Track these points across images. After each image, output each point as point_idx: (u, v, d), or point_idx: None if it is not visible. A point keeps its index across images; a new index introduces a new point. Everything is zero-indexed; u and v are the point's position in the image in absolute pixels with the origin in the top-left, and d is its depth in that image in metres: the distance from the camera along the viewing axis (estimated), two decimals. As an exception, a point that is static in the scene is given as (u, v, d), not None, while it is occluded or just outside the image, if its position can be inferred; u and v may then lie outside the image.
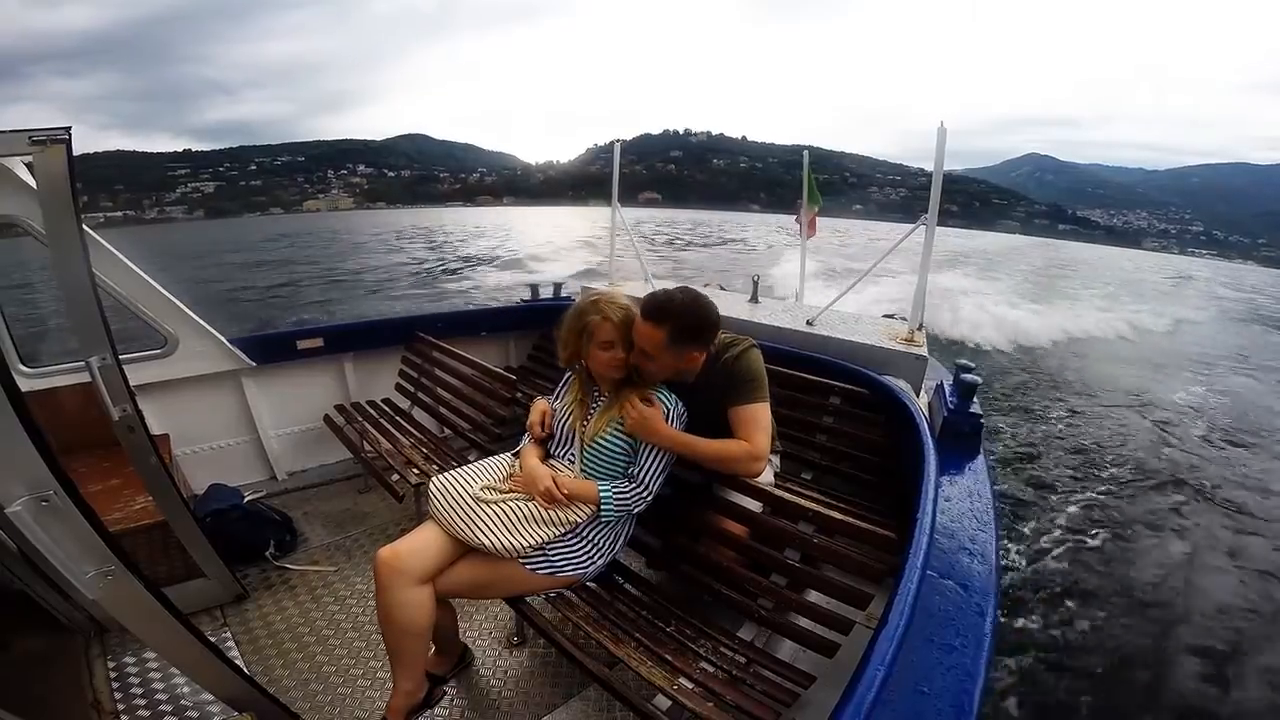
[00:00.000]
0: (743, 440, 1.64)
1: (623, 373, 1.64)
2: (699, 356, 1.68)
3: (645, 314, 1.58)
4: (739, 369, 1.68)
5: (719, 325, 1.67)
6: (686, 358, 1.64)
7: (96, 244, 2.05)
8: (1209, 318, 21.88)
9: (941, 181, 2.47)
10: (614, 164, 3.79)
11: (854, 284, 3.03)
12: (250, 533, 2.38)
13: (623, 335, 1.59)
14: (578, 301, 1.67)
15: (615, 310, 1.59)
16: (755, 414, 1.65)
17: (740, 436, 1.65)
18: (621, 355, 1.60)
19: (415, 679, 1.51)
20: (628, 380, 1.67)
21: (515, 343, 3.82)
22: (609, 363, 1.61)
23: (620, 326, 1.58)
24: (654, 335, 1.56)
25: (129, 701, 1.67)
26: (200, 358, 2.66)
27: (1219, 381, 11.39)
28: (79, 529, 1.06)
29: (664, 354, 1.59)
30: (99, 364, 1.54)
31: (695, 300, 1.61)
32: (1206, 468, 6.83)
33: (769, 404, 1.69)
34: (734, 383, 1.67)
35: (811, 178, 4.30)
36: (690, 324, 1.58)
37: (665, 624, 1.61)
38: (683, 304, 1.58)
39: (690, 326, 1.59)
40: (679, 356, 1.62)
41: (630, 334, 1.59)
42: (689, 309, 1.58)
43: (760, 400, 1.67)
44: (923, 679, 0.94)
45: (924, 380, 2.45)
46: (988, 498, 1.59)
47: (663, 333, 1.56)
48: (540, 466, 1.64)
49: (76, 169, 1.44)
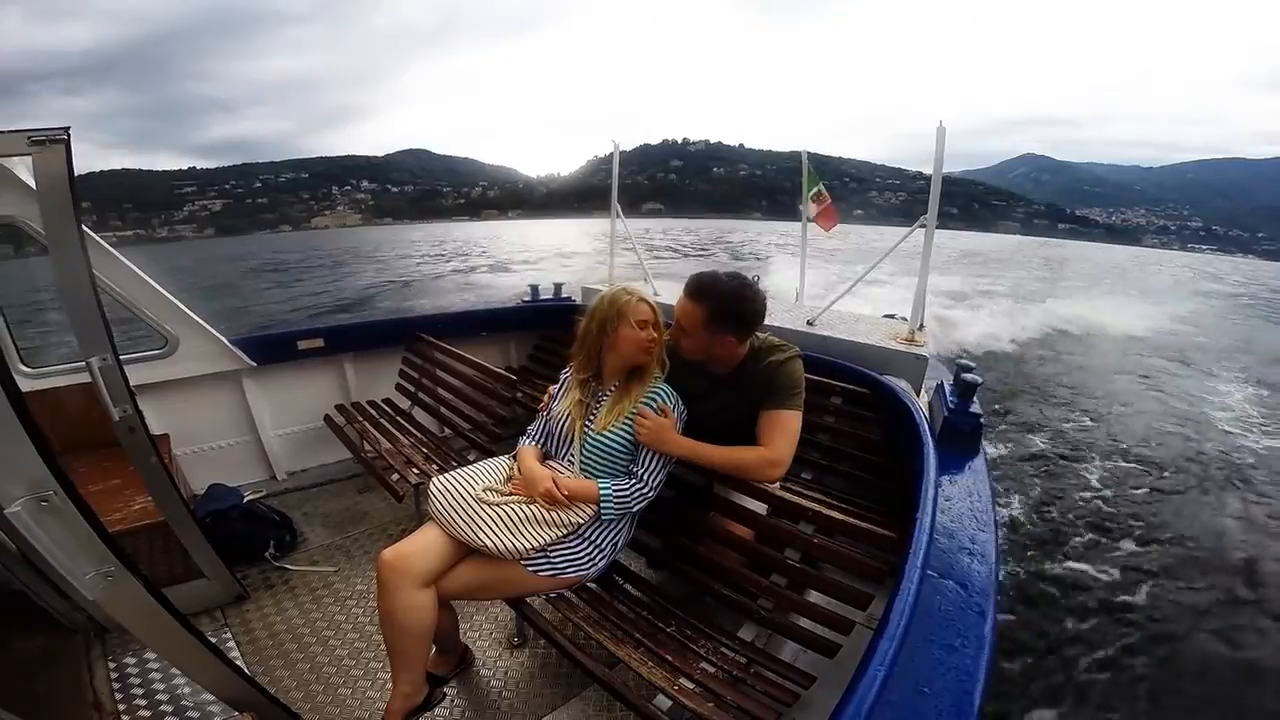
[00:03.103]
0: (763, 444, 1.63)
1: (651, 356, 1.65)
2: (734, 344, 1.67)
3: (687, 290, 1.63)
4: (781, 373, 1.68)
5: (761, 317, 1.67)
6: (720, 341, 1.64)
7: (96, 244, 2.05)
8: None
9: (941, 182, 2.47)
10: (614, 167, 3.79)
11: (854, 284, 3.04)
12: (250, 533, 2.38)
13: (657, 319, 1.62)
14: (604, 292, 1.67)
15: (648, 298, 1.64)
16: (786, 420, 1.65)
17: (765, 439, 1.64)
18: (655, 336, 1.62)
19: (415, 680, 1.51)
20: (635, 373, 1.67)
21: (515, 343, 3.83)
22: (641, 343, 1.61)
23: (655, 310, 1.62)
24: (692, 312, 1.61)
25: (129, 702, 1.67)
26: (200, 358, 2.67)
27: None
28: (79, 529, 1.06)
29: (699, 332, 1.61)
30: (99, 364, 1.54)
31: (742, 288, 1.62)
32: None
33: (801, 414, 1.69)
34: (774, 386, 1.67)
35: (812, 174, 4.21)
36: (730, 309, 1.60)
37: (666, 624, 1.61)
38: (727, 288, 1.60)
39: (729, 311, 1.60)
40: (713, 338, 1.63)
41: (661, 322, 1.63)
42: (731, 294, 1.60)
43: (794, 408, 1.67)
44: (923, 679, 0.94)
45: (924, 380, 2.45)
46: (988, 498, 1.59)
47: (701, 311, 1.59)
48: (539, 468, 1.64)
49: (77, 179, 1.45)
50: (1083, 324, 15.19)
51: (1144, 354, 13.21)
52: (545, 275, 18.41)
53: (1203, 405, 9.30)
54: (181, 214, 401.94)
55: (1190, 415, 8.73)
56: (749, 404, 1.69)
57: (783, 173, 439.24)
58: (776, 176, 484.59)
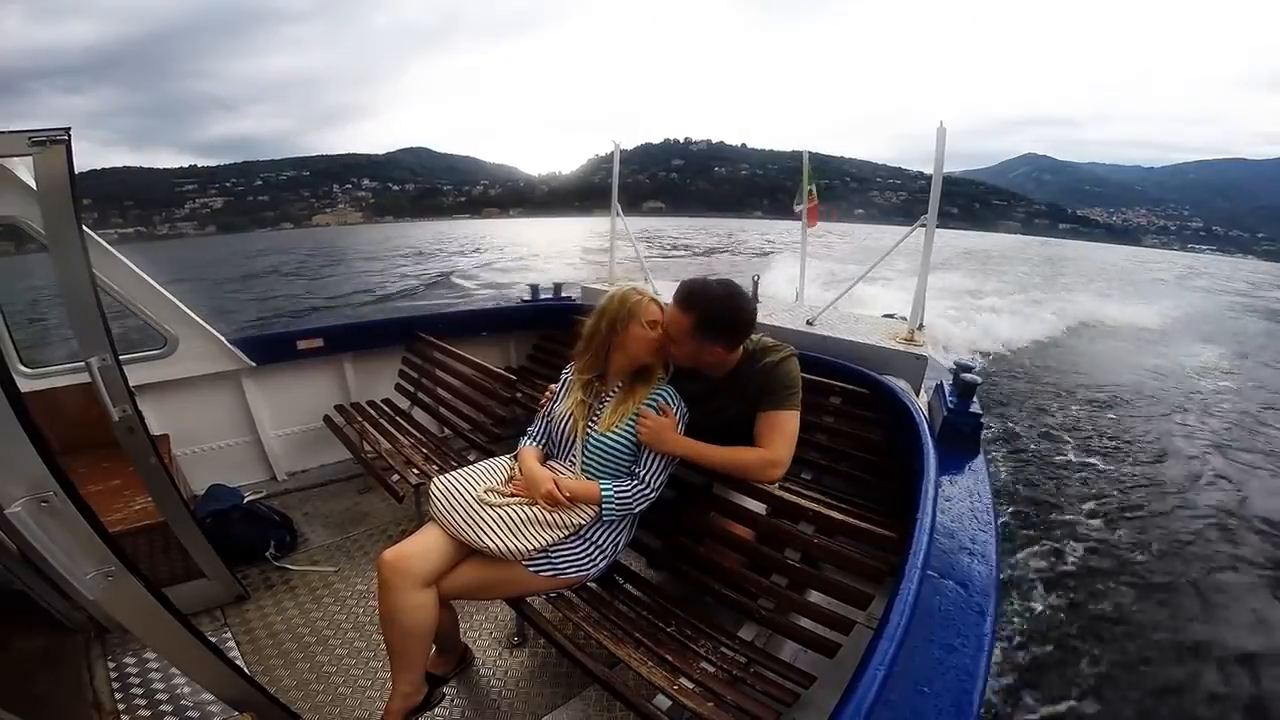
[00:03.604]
0: (762, 445, 1.63)
1: (659, 357, 1.66)
2: (723, 354, 1.65)
3: (676, 298, 1.60)
4: (777, 374, 1.67)
5: (751, 328, 1.65)
6: (709, 350, 1.62)
7: (96, 244, 2.05)
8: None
9: (942, 182, 2.47)
10: (614, 166, 3.79)
11: (854, 284, 3.04)
12: (250, 533, 2.38)
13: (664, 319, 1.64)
14: (613, 291, 1.66)
15: (657, 298, 1.65)
16: (784, 421, 1.64)
17: (763, 440, 1.64)
18: (663, 335, 1.63)
19: (415, 680, 1.51)
20: (640, 374, 1.67)
21: (515, 343, 3.82)
22: (651, 343, 1.62)
23: (664, 310, 1.63)
24: (679, 321, 1.58)
25: (129, 701, 1.67)
26: (200, 358, 2.66)
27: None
28: (79, 529, 1.06)
29: (686, 341, 1.59)
30: (99, 364, 1.54)
31: (731, 296, 1.60)
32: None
33: (799, 414, 1.68)
34: (769, 387, 1.66)
35: (811, 174, 4.27)
36: (718, 319, 1.57)
37: (666, 624, 1.61)
38: (716, 297, 1.58)
39: (718, 321, 1.58)
40: (700, 347, 1.61)
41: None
42: (720, 304, 1.57)
43: (792, 408, 1.66)
44: (923, 679, 0.94)
45: (924, 380, 2.45)
46: (988, 498, 1.59)
47: (688, 320, 1.56)
48: (540, 469, 1.64)
49: (77, 177, 1.44)
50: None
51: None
52: (546, 275, 18.60)
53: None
54: (183, 211, 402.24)
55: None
56: (746, 405, 1.69)
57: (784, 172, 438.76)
58: (778, 176, 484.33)
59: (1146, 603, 4.15)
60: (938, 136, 2.45)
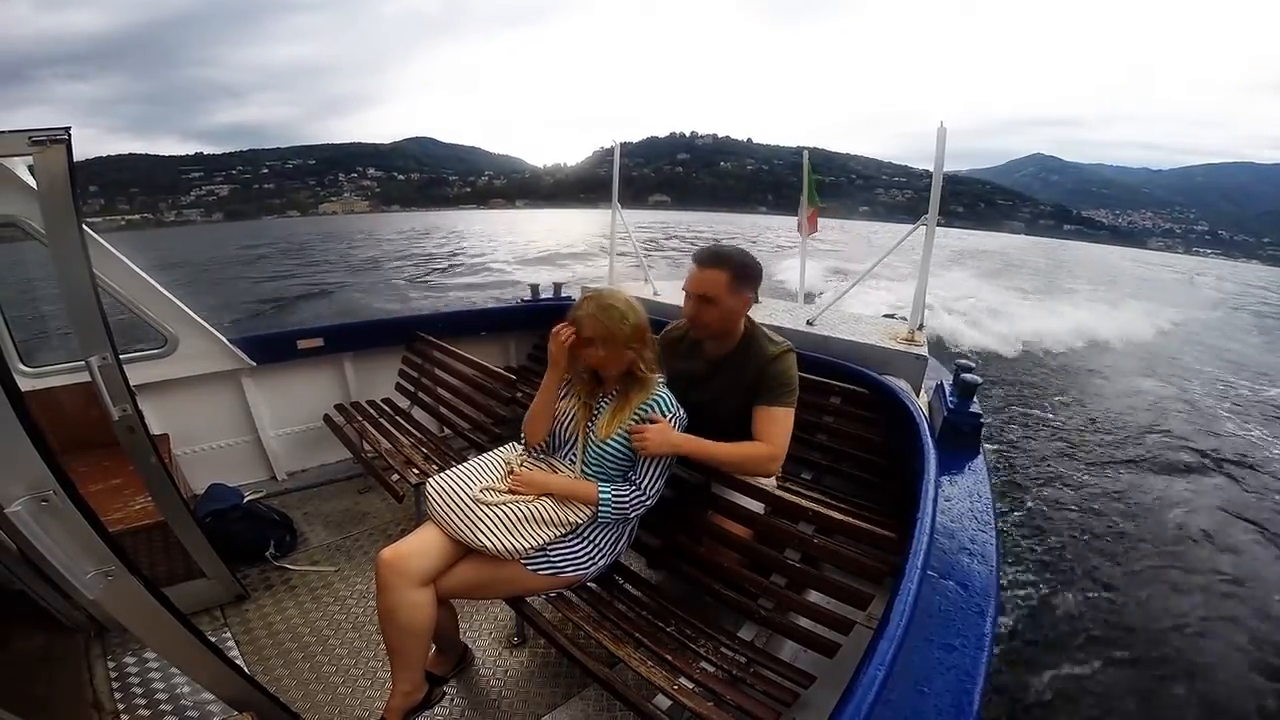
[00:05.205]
0: (761, 440, 1.65)
1: (622, 362, 1.58)
2: (750, 301, 1.74)
3: (704, 261, 1.69)
4: (775, 369, 1.70)
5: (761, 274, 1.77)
6: (743, 300, 1.71)
7: (96, 244, 2.05)
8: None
9: (942, 182, 2.47)
10: (614, 164, 3.79)
11: (854, 284, 3.04)
12: (250, 533, 2.38)
13: (596, 330, 1.53)
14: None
15: (586, 305, 1.55)
16: (782, 417, 1.68)
17: (762, 435, 1.66)
18: (597, 353, 1.55)
19: (415, 679, 1.51)
20: (632, 377, 1.63)
21: (515, 343, 3.82)
22: (588, 359, 1.59)
23: (589, 320, 1.53)
24: (718, 277, 1.66)
25: (129, 701, 1.67)
26: (200, 357, 2.66)
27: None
28: (79, 529, 1.06)
29: (727, 296, 1.66)
30: (99, 364, 1.54)
31: (740, 249, 1.75)
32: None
33: (794, 410, 1.71)
34: (767, 382, 1.69)
35: (812, 177, 4.28)
36: (746, 265, 1.70)
37: (665, 624, 1.61)
38: (735, 250, 1.72)
39: (747, 267, 1.70)
40: (738, 298, 1.69)
41: (605, 327, 1.53)
42: (741, 254, 1.72)
43: (789, 405, 1.69)
44: (923, 679, 0.94)
45: (924, 380, 2.45)
46: (988, 498, 1.59)
47: (725, 274, 1.66)
48: (538, 468, 1.64)
49: (77, 170, 1.44)
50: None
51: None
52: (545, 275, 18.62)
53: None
54: (189, 198, 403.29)
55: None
56: (743, 397, 1.72)
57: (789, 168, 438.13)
58: (783, 171, 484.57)
59: (1145, 593, 4.23)
60: (938, 136, 2.45)
